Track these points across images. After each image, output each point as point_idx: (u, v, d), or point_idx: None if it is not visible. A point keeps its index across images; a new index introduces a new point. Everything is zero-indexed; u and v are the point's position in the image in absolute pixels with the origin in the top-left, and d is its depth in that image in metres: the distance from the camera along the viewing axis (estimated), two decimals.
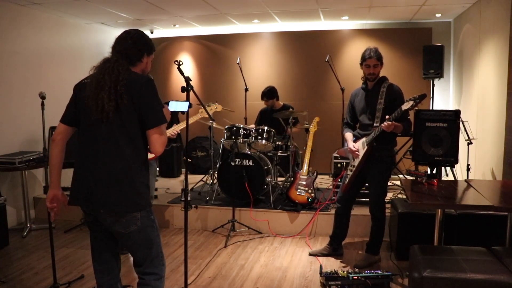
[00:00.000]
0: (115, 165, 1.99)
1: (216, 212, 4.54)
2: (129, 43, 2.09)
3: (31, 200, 4.94)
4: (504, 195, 2.96)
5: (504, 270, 2.29)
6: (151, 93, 2.02)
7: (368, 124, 3.35)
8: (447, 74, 6.10)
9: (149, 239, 2.11)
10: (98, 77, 2.00)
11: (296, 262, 3.64)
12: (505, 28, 3.99)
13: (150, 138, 2.02)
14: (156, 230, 2.14)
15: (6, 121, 4.68)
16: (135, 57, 2.11)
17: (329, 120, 6.02)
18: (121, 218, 2.02)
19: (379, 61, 3.29)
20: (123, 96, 1.95)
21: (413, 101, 2.97)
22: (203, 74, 7.01)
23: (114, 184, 1.99)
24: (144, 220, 2.07)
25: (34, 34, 5.04)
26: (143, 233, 2.08)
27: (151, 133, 2.01)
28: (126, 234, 2.06)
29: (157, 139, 2.02)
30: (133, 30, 2.16)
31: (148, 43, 2.16)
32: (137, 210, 2.03)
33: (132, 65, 2.10)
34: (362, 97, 3.43)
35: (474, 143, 4.53)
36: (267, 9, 5.49)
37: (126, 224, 2.03)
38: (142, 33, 2.16)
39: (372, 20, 6.27)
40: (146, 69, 2.20)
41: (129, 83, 1.97)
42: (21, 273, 3.46)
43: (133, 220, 2.03)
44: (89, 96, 1.99)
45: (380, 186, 3.39)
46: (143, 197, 2.05)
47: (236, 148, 4.44)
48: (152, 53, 2.21)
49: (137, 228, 2.05)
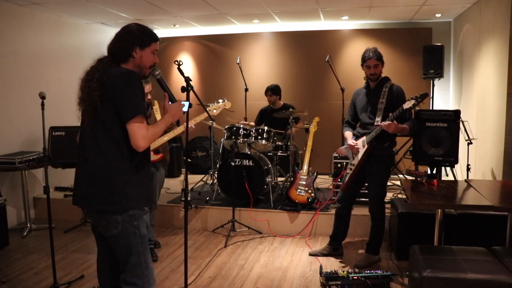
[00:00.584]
0: (96, 163, 1.94)
1: (216, 212, 4.54)
2: (117, 37, 2.03)
3: (31, 200, 4.94)
4: (504, 195, 2.96)
5: (504, 270, 2.29)
6: (124, 84, 1.90)
7: (368, 123, 3.35)
8: (447, 74, 6.10)
9: (129, 246, 1.99)
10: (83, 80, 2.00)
11: (296, 262, 3.64)
12: (505, 28, 3.99)
13: (128, 132, 1.90)
14: (139, 238, 2.01)
15: (6, 121, 4.68)
16: (124, 53, 2.00)
17: (329, 120, 6.03)
18: (102, 220, 1.97)
19: (379, 60, 3.29)
20: (94, 93, 1.90)
21: (415, 100, 2.97)
22: (203, 74, 7.01)
23: (95, 182, 1.94)
24: (126, 225, 1.97)
25: (34, 34, 5.04)
26: (124, 238, 1.98)
27: (128, 126, 1.90)
28: (108, 237, 2.01)
29: (134, 132, 1.89)
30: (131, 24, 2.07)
31: (139, 36, 2.01)
32: (116, 212, 1.94)
33: (123, 62, 2.02)
34: (364, 96, 3.44)
35: (474, 143, 4.53)
36: (267, 9, 5.49)
37: (107, 226, 1.96)
38: (132, 27, 2.04)
39: (372, 20, 6.27)
40: (143, 63, 2.05)
41: (102, 79, 1.92)
42: (21, 273, 3.46)
43: (113, 223, 1.95)
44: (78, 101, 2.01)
45: (379, 186, 3.39)
46: (125, 198, 1.95)
47: (236, 148, 4.44)
48: (148, 45, 2.05)
49: (118, 232, 1.96)
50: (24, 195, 4.57)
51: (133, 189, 1.98)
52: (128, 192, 1.96)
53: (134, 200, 1.99)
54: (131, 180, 1.97)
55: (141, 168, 2.03)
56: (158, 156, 3.67)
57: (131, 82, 1.92)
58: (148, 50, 2.05)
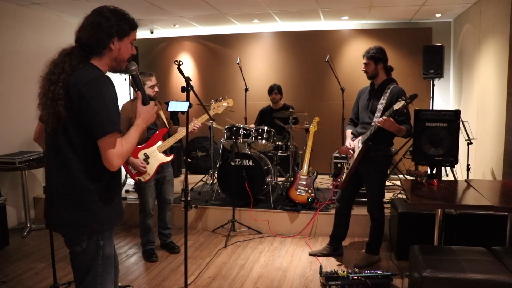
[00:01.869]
0: (61, 182, 1.70)
1: (216, 212, 4.54)
2: (90, 25, 1.67)
3: (31, 200, 4.94)
4: (504, 195, 2.96)
5: (504, 270, 2.29)
6: (93, 94, 1.59)
7: (367, 122, 3.36)
8: (447, 74, 6.10)
9: (88, 265, 1.76)
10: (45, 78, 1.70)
11: (296, 262, 3.64)
12: (505, 28, 3.99)
13: (100, 150, 1.63)
14: (101, 258, 1.77)
15: (6, 121, 4.68)
16: (100, 45, 1.68)
17: (329, 120, 6.02)
18: (67, 233, 1.77)
19: (370, 59, 3.33)
20: (59, 102, 1.62)
21: (404, 101, 2.99)
22: (203, 74, 7.01)
23: (62, 203, 1.70)
24: (91, 245, 1.74)
25: (34, 34, 5.04)
26: (85, 257, 1.75)
27: (99, 144, 1.62)
28: (70, 252, 1.79)
29: (107, 151, 1.62)
30: (101, 6, 1.73)
31: (118, 23, 1.69)
32: (84, 233, 1.73)
33: (96, 55, 1.70)
34: (367, 95, 3.46)
35: (474, 143, 4.53)
36: (267, 9, 5.49)
37: (71, 241, 1.76)
38: (108, 12, 1.70)
39: (372, 20, 6.27)
40: (120, 56, 1.75)
41: (69, 85, 1.63)
42: (21, 273, 3.46)
43: (78, 240, 1.73)
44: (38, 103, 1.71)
45: (376, 186, 3.39)
46: (95, 220, 1.72)
47: (236, 148, 4.44)
48: (127, 35, 1.73)
49: (80, 250, 1.74)
50: (24, 195, 4.57)
51: (104, 209, 1.73)
52: (98, 213, 1.72)
53: (105, 221, 1.75)
54: (101, 200, 1.72)
55: (112, 185, 1.78)
56: (170, 157, 3.66)
57: (101, 92, 1.61)
58: (127, 40, 1.74)
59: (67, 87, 1.63)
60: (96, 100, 1.60)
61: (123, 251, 3.93)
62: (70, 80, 1.63)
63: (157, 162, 3.58)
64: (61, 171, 1.70)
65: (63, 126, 1.65)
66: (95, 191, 1.70)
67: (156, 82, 3.60)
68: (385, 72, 3.39)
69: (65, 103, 1.63)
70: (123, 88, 6.66)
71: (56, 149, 1.70)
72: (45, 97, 1.68)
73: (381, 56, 3.32)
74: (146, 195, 3.64)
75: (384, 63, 3.36)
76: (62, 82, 1.64)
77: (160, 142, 3.60)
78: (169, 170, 3.80)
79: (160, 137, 3.61)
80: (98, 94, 1.61)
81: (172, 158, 3.69)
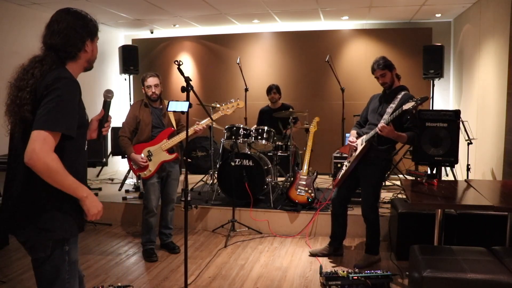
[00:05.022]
0: (23, 187, 1.65)
1: (216, 212, 4.54)
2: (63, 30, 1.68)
3: None
4: (504, 195, 2.96)
5: (504, 270, 2.29)
6: (53, 91, 1.57)
7: (374, 124, 3.35)
8: (447, 74, 6.10)
9: (54, 272, 1.70)
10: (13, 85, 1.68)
11: (296, 262, 3.64)
12: (505, 28, 3.99)
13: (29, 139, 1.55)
14: (67, 264, 1.72)
15: None
16: (75, 48, 1.70)
17: (329, 120, 6.03)
18: (28, 241, 1.70)
19: (384, 69, 3.31)
20: (25, 108, 1.59)
21: (415, 102, 2.97)
22: (203, 74, 7.01)
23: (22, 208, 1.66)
24: (55, 251, 1.69)
25: (34, 34, 5.01)
26: (50, 264, 1.69)
27: (31, 134, 1.54)
28: (33, 260, 1.72)
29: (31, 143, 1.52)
30: (66, 10, 1.74)
31: (88, 25, 1.74)
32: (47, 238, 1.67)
33: (71, 60, 1.72)
34: (378, 100, 3.46)
35: (474, 143, 4.53)
36: (267, 9, 5.50)
37: (33, 248, 1.69)
38: (78, 13, 1.74)
39: (372, 20, 6.27)
40: (93, 58, 1.80)
41: (36, 87, 1.61)
42: (21, 273, 3.45)
43: (42, 247, 1.67)
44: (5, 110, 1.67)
45: (371, 188, 3.39)
46: (58, 226, 1.67)
47: (236, 148, 4.44)
48: (96, 35, 1.78)
49: (44, 256, 1.68)
50: None
51: (66, 216, 1.69)
52: (61, 219, 1.68)
53: (67, 227, 1.70)
54: (63, 207, 1.68)
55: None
56: (173, 155, 3.70)
57: (62, 91, 1.58)
58: (96, 40, 1.80)
59: (34, 92, 1.61)
60: (53, 95, 1.57)
61: (123, 251, 3.93)
62: (38, 84, 1.61)
63: (159, 159, 3.65)
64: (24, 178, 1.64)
65: (28, 135, 1.57)
66: (57, 197, 1.64)
67: (156, 83, 3.65)
68: (397, 78, 3.40)
69: (31, 108, 1.60)
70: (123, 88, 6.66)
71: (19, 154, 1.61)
72: (13, 104, 1.64)
73: (391, 63, 3.34)
74: (148, 193, 3.68)
75: (395, 69, 3.38)
76: (30, 87, 1.61)
77: (165, 141, 3.65)
78: (174, 169, 3.81)
79: (166, 136, 3.67)
80: (58, 91, 1.58)
81: (175, 157, 3.71)
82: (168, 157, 3.68)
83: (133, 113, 3.65)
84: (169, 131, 3.70)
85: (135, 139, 3.68)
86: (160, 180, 3.75)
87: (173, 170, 3.79)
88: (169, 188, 3.81)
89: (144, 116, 3.65)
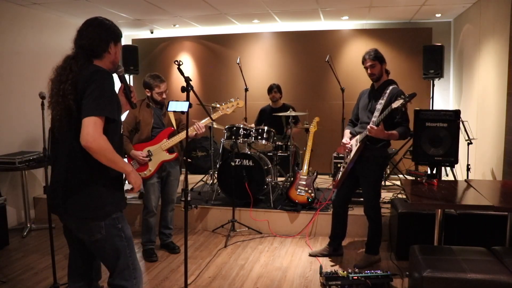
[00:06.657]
0: (70, 172, 1.88)
1: (216, 212, 4.54)
2: (90, 33, 1.92)
3: (31, 200, 4.94)
4: (504, 195, 2.96)
5: (504, 270, 2.29)
6: (94, 82, 1.80)
7: (366, 122, 3.36)
8: (447, 74, 6.10)
9: (116, 249, 1.96)
10: (54, 81, 1.90)
11: (296, 262, 3.64)
12: (505, 28, 3.99)
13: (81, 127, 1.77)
14: (124, 240, 1.98)
15: (6, 121, 4.68)
16: (100, 48, 1.94)
17: (329, 120, 6.02)
18: (84, 226, 1.91)
19: (374, 60, 3.31)
20: (69, 97, 1.81)
21: (403, 100, 2.97)
22: (203, 74, 7.01)
23: (71, 192, 1.87)
24: (109, 229, 1.92)
25: (34, 34, 5.04)
26: (109, 242, 1.94)
27: (82, 122, 1.76)
28: (92, 242, 1.95)
29: (84, 127, 1.75)
30: (94, 18, 1.99)
31: (113, 30, 1.99)
32: (99, 218, 1.90)
33: (97, 58, 1.95)
34: (367, 96, 3.45)
35: (474, 143, 4.53)
36: (267, 9, 5.49)
37: (90, 231, 1.91)
38: (104, 20, 1.99)
39: (372, 20, 6.27)
40: (116, 60, 2.03)
41: (77, 80, 1.83)
42: (21, 273, 3.46)
43: (97, 228, 1.90)
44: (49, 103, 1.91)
45: (371, 187, 3.40)
46: (105, 203, 1.91)
47: (236, 148, 4.44)
48: (119, 40, 2.02)
49: (102, 236, 1.91)
50: (24, 195, 4.57)
51: (111, 193, 1.94)
52: (108, 196, 1.92)
53: (114, 203, 1.95)
54: (107, 185, 1.91)
55: (113, 172, 1.93)
56: (173, 155, 3.71)
57: (102, 80, 1.83)
58: (119, 45, 2.03)
59: (75, 84, 1.82)
60: (95, 85, 1.80)
61: None
62: (77, 77, 1.83)
63: (159, 159, 3.65)
64: (70, 163, 1.87)
65: (74, 121, 1.82)
66: (101, 177, 1.88)
67: (166, 89, 3.70)
68: (386, 73, 3.40)
69: (74, 97, 1.81)
70: None
71: (66, 142, 1.87)
72: (56, 96, 1.86)
73: (382, 56, 3.34)
74: (148, 193, 3.68)
75: (385, 63, 3.37)
76: (71, 80, 1.83)
77: (165, 141, 3.65)
78: (174, 169, 3.81)
79: (166, 136, 3.67)
80: (99, 81, 1.81)
81: (175, 157, 3.71)
82: (168, 156, 3.68)
83: (132, 113, 3.65)
84: (169, 130, 3.70)
85: (136, 138, 3.69)
86: (160, 180, 3.75)
87: (173, 170, 3.79)
88: (169, 188, 3.81)
89: (144, 116, 3.65)
